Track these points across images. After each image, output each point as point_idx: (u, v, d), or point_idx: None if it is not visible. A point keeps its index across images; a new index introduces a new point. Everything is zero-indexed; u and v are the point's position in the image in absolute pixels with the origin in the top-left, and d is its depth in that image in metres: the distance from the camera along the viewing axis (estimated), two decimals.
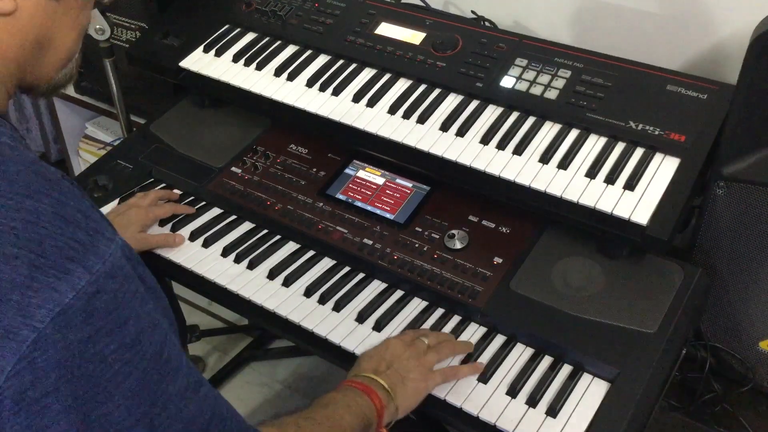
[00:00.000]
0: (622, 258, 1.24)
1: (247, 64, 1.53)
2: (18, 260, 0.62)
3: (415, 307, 1.25)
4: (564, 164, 1.25)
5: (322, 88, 1.45)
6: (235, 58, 1.55)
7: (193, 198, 1.47)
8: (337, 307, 1.24)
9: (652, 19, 1.50)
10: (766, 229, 1.18)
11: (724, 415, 1.29)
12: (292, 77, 1.48)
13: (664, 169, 1.22)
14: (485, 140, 1.31)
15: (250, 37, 1.59)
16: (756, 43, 1.08)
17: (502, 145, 1.29)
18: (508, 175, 1.25)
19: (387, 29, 1.51)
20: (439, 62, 1.44)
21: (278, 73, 1.50)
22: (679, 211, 1.16)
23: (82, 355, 0.63)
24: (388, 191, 1.41)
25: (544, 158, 1.26)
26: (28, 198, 0.65)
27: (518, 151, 1.28)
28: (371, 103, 1.40)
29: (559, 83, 1.35)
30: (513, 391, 1.10)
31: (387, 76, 1.45)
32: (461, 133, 1.32)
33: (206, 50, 1.58)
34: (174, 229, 1.40)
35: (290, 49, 1.54)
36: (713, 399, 1.30)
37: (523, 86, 1.36)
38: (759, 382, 1.30)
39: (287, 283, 1.28)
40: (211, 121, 1.62)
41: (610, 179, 1.21)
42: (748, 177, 1.17)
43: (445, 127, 1.34)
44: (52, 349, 0.62)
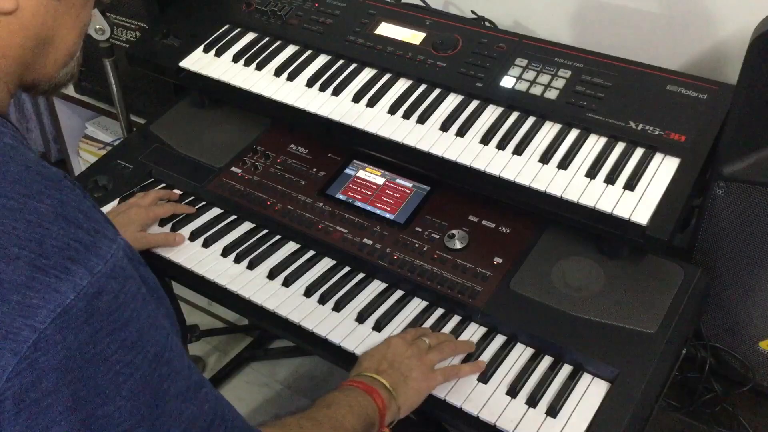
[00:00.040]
0: (622, 258, 1.24)
1: (247, 64, 1.53)
2: (19, 260, 0.62)
3: (415, 307, 1.25)
4: (564, 164, 1.25)
5: (322, 88, 1.45)
6: (235, 58, 1.55)
7: (193, 198, 1.47)
8: (337, 307, 1.24)
9: (652, 19, 1.50)
10: (766, 229, 1.18)
11: (724, 415, 1.30)
12: (292, 77, 1.48)
13: (664, 169, 1.22)
14: (485, 140, 1.31)
15: (250, 37, 1.59)
16: (756, 43, 1.08)
17: (502, 145, 1.29)
18: (508, 175, 1.25)
19: (387, 29, 1.51)
20: (439, 62, 1.44)
21: (278, 73, 1.50)
22: (679, 211, 1.16)
23: (83, 356, 0.63)
24: (388, 191, 1.41)
25: (544, 158, 1.26)
26: (30, 198, 0.65)
27: (518, 151, 1.28)
28: (371, 103, 1.40)
29: (559, 83, 1.35)
30: (513, 391, 1.10)
31: (387, 76, 1.45)
32: (461, 133, 1.32)
33: (206, 50, 1.58)
34: (174, 229, 1.40)
35: (290, 49, 1.54)
36: (713, 399, 1.30)
37: (523, 86, 1.36)
38: (759, 382, 1.30)
39: (287, 283, 1.28)
40: (211, 121, 1.63)
41: (610, 179, 1.21)
42: (748, 177, 1.17)
43: (445, 127, 1.34)
44: (53, 350, 0.61)
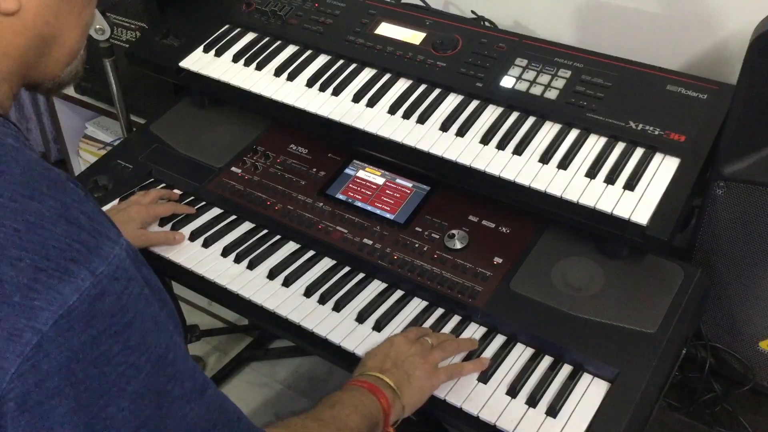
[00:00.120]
0: (622, 258, 1.24)
1: (247, 64, 1.53)
2: (21, 262, 0.62)
3: (415, 307, 1.25)
4: (564, 164, 1.25)
5: (322, 88, 1.45)
6: (235, 58, 1.55)
7: (193, 198, 1.47)
8: (337, 307, 1.24)
9: (652, 19, 1.50)
10: (766, 229, 1.18)
11: (724, 415, 1.29)
12: (292, 77, 1.48)
13: (664, 169, 1.22)
14: (485, 140, 1.31)
15: (250, 37, 1.59)
16: (756, 43, 1.08)
17: (502, 145, 1.29)
18: (508, 175, 1.25)
19: (387, 29, 1.51)
20: (439, 62, 1.44)
21: (278, 73, 1.50)
22: (679, 211, 1.16)
23: (86, 358, 0.63)
24: (388, 191, 1.41)
25: (544, 158, 1.26)
26: (32, 200, 0.64)
27: (518, 151, 1.28)
28: (371, 103, 1.40)
29: (559, 83, 1.35)
30: (513, 391, 1.10)
31: (387, 76, 1.45)
32: (461, 133, 1.32)
33: (206, 50, 1.58)
34: (174, 229, 1.40)
35: (290, 49, 1.54)
36: (713, 399, 1.30)
37: (523, 86, 1.36)
38: (759, 382, 1.30)
39: (287, 283, 1.28)
40: (211, 121, 1.63)
41: (610, 179, 1.21)
42: (748, 177, 1.17)
43: (445, 127, 1.34)
44: (56, 352, 0.61)
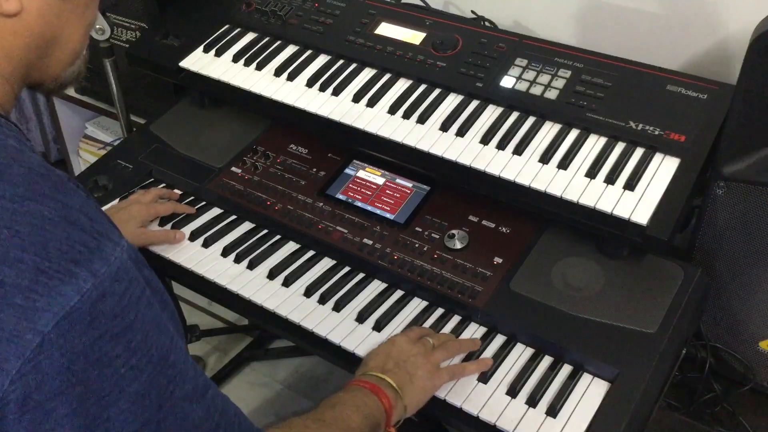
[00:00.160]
0: (622, 258, 1.24)
1: (247, 64, 1.53)
2: (23, 264, 0.61)
3: (415, 307, 1.25)
4: (564, 164, 1.25)
5: (322, 88, 1.45)
6: (235, 58, 1.55)
7: (193, 198, 1.47)
8: (337, 307, 1.24)
9: (652, 19, 1.50)
10: (766, 229, 1.18)
11: (724, 415, 1.30)
12: (292, 77, 1.48)
13: (664, 169, 1.22)
14: (485, 140, 1.31)
15: (250, 37, 1.59)
16: (756, 43, 1.08)
17: (502, 145, 1.29)
18: (508, 175, 1.25)
19: (387, 29, 1.51)
20: (439, 62, 1.44)
21: (278, 73, 1.50)
22: (679, 211, 1.16)
23: (87, 359, 0.63)
24: (388, 191, 1.41)
25: (544, 158, 1.26)
26: (33, 201, 0.64)
27: (518, 151, 1.28)
28: (371, 103, 1.40)
29: (559, 83, 1.35)
30: (513, 391, 1.10)
31: (387, 76, 1.45)
32: (461, 133, 1.32)
33: (206, 50, 1.58)
34: (174, 229, 1.40)
35: (290, 49, 1.54)
36: (713, 399, 1.30)
37: (523, 86, 1.36)
38: (759, 382, 1.30)
39: (287, 283, 1.28)
40: (211, 121, 1.62)
41: (610, 179, 1.21)
42: (748, 177, 1.17)
43: (445, 127, 1.34)
44: (57, 353, 0.61)
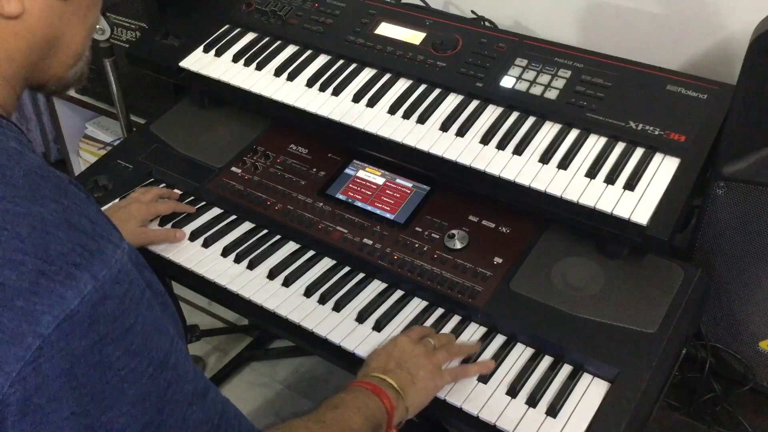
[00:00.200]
0: (622, 258, 1.24)
1: (247, 64, 1.53)
2: (23, 266, 0.61)
3: (415, 307, 1.25)
4: (564, 164, 1.25)
5: (322, 88, 1.45)
6: (235, 58, 1.55)
7: (193, 198, 1.47)
8: (337, 307, 1.24)
9: (652, 19, 1.50)
10: (766, 229, 1.18)
11: (724, 415, 1.29)
12: (292, 77, 1.48)
13: (664, 169, 1.22)
14: (485, 140, 1.31)
15: (250, 37, 1.59)
16: (756, 43, 1.08)
17: (502, 145, 1.29)
18: (508, 175, 1.25)
19: (387, 29, 1.51)
20: (439, 62, 1.44)
21: (278, 73, 1.50)
22: (679, 211, 1.16)
23: (88, 362, 0.63)
24: (388, 191, 1.41)
25: (544, 158, 1.26)
26: (35, 203, 0.64)
27: (518, 151, 1.28)
28: (371, 103, 1.40)
29: (559, 83, 1.35)
30: (513, 391, 1.10)
31: (387, 76, 1.45)
32: (461, 133, 1.32)
33: (206, 50, 1.58)
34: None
35: (290, 49, 1.54)
36: (713, 399, 1.30)
37: (523, 86, 1.36)
38: (759, 382, 1.30)
39: (287, 283, 1.28)
40: (211, 121, 1.62)
41: (610, 179, 1.21)
42: (748, 177, 1.17)
43: (445, 127, 1.34)
44: (58, 356, 0.61)
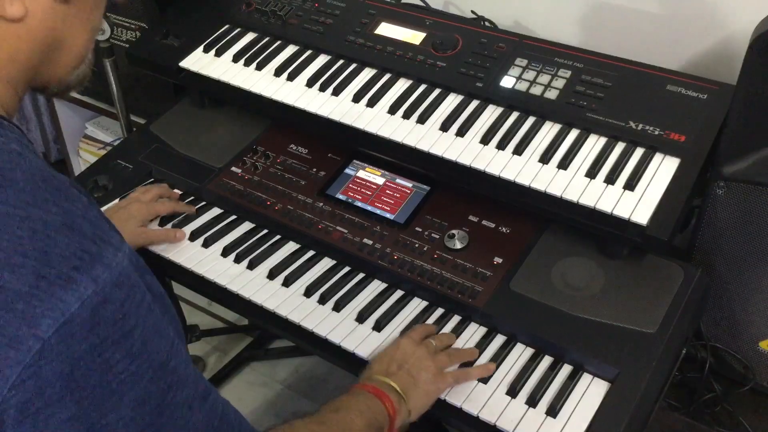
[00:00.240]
0: (622, 258, 1.24)
1: (247, 64, 1.53)
2: (24, 269, 0.61)
3: (415, 307, 1.25)
4: (564, 164, 1.25)
5: (322, 88, 1.45)
6: (235, 58, 1.55)
7: (193, 198, 1.47)
8: (337, 307, 1.24)
9: (652, 19, 1.50)
10: (766, 229, 1.18)
11: (724, 415, 1.29)
12: (292, 77, 1.48)
13: (664, 169, 1.22)
14: (485, 140, 1.31)
15: (250, 37, 1.59)
16: (756, 43, 1.08)
17: (502, 145, 1.29)
18: (508, 175, 1.25)
19: (387, 29, 1.51)
20: (439, 62, 1.44)
21: (278, 73, 1.50)
22: (679, 211, 1.16)
23: (88, 365, 0.63)
24: (388, 191, 1.41)
25: (544, 158, 1.26)
26: (35, 207, 0.64)
27: (518, 151, 1.28)
28: (371, 103, 1.40)
29: (559, 83, 1.35)
30: (513, 391, 1.10)
31: (387, 76, 1.45)
32: (461, 133, 1.32)
33: (206, 50, 1.58)
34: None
35: (290, 49, 1.54)
36: (713, 399, 1.30)
37: (523, 86, 1.36)
38: (759, 382, 1.30)
39: (287, 283, 1.28)
40: (211, 121, 1.62)
41: (610, 179, 1.21)
42: (748, 177, 1.17)
43: (445, 127, 1.34)
44: (57, 359, 0.61)
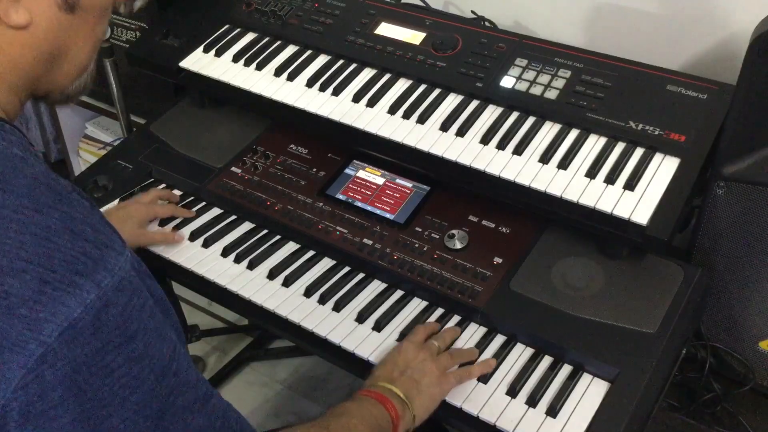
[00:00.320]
0: (622, 258, 1.24)
1: (247, 64, 1.53)
2: (27, 274, 0.62)
3: (415, 307, 1.25)
4: (564, 164, 1.25)
5: (322, 88, 1.45)
6: (235, 58, 1.55)
7: (193, 198, 1.47)
8: (337, 307, 1.24)
9: (652, 19, 1.50)
10: (766, 229, 1.18)
11: (724, 415, 1.29)
12: (292, 77, 1.48)
13: (664, 169, 1.22)
14: (485, 140, 1.31)
15: (250, 37, 1.59)
16: (756, 43, 1.08)
17: (502, 145, 1.29)
18: (508, 175, 1.25)
19: (387, 29, 1.51)
20: (439, 62, 1.44)
21: (278, 73, 1.50)
22: (679, 211, 1.16)
23: (90, 369, 0.63)
24: (388, 191, 1.41)
25: (544, 158, 1.26)
26: (38, 212, 0.65)
27: (518, 151, 1.28)
28: (371, 103, 1.40)
29: (559, 83, 1.35)
30: (513, 391, 1.10)
31: (387, 76, 1.45)
32: (461, 133, 1.32)
33: (206, 50, 1.58)
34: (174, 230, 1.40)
35: (290, 49, 1.54)
36: (713, 399, 1.30)
37: (523, 86, 1.36)
38: (759, 382, 1.30)
39: (287, 283, 1.28)
40: (211, 121, 1.63)
41: (610, 179, 1.21)
42: (748, 177, 1.16)
43: (445, 127, 1.34)
44: (60, 363, 0.62)
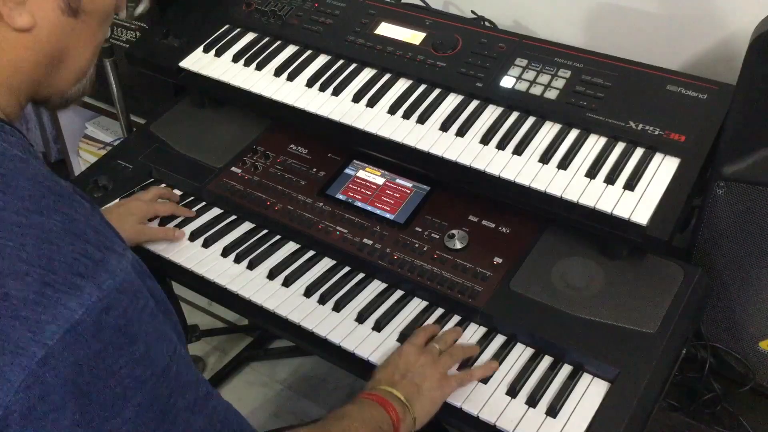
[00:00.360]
0: (622, 258, 1.24)
1: (247, 64, 1.53)
2: (28, 277, 0.62)
3: (415, 307, 1.25)
4: (564, 164, 1.25)
5: (322, 88, 1.45)
6: (235, 58, 1.55)
7: (193, 198, 1.47)
8: (337, 307, 1.24)
9: (652, 19, 1.50)
10: (766, 229, 1.18)
11: (724, 415, 1.29)
12: (292, 77, 1.48)
13: (664, 169, 1.22)
14: (485, 140, 1.31)
15: (250, 37, 1.59)
16: (756, 43, 1.08)
17: (502, 145, 1.29)
18: (508, 175, 1.25)
19: (387, 29, 1.51)
20: (439, 62, 1.44)
21: (278, 73, 1.50)
22: (679, 211, 1.16)
23: (91, 371, 0.63)
24: (388, 191, 1.41)
25: (544, 158, 1.26)
26: (39, 214, 0.65)
27: (518, 151, 1.28)
28: (371, 103, 1.40)
29: (559, 83, 1.35)
30: (513, 391, 1.10)
31: (387, 76, 1.45)
32: (461, 133, 1.32)
33: (206, 50, 1.58)
34: None
35: (290, 49, 1.54)
36: (713, 399, 1.30)
37: (523, 86, 1.36)
38: (759, 382, 1.30)
39: (287, 283, 1.28)
40: (211, 121, 1.63)
41: (610, 179, 1.21)
42: (748, 177, 1.17)
43: (445, 127, 1.34)
44: (62, 366, 0.62)
